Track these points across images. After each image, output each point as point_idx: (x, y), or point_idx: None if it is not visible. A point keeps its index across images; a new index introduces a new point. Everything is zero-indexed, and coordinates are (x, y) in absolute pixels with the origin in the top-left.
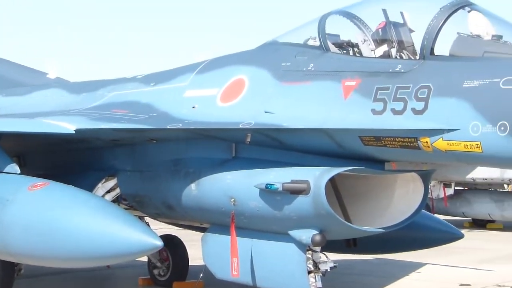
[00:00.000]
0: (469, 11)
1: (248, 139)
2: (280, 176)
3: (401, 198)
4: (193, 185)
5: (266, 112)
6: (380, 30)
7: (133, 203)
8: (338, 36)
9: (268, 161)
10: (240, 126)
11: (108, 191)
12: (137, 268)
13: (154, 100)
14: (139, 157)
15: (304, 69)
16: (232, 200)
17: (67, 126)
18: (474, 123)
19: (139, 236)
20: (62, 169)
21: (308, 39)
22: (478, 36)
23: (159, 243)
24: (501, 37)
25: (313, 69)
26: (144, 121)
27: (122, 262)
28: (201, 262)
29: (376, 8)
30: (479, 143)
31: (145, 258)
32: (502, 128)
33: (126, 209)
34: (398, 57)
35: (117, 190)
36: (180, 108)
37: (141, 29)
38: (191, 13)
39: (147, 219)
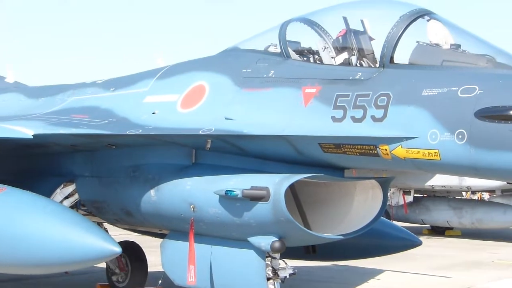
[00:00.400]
0: (428, 20)
1: (208, 146)
2: (240, 183)
3: (360, 205)
4: (152, 191)
5: (226, 119)
6: (340, 37)
7: (92, 209)
8: (299, 43)
9: (228, 168)
10: (200, 133)
11: (67, 197)
12: (96, 274)
13: (114, 105)
14: (98, 162)
15: (265, 75)
16: (191, 206)
17: (25, 131)
18: (433, 131)
19: (97, 242)
20: (20, 175)
21: (269, 46)
22: (437, 45)
23: (118, 249)
24: (459, 46)
25: (273, 76)
26: (103, 126)
27: (80, 269)
28: (161, 269)
29: (336, 15)
30: (437, 151)
31: (103, 264)
32: (460, 136)
33: (84, 215)
34: (358, 65)
35: (76, 196)
36: (140, 113)
37: (102, 33)
38: (152, 19)
39: (106, 225)
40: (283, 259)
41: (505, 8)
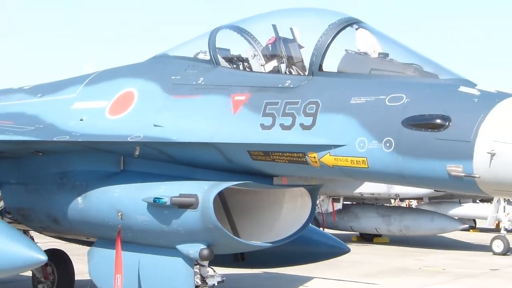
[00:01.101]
0: (357, 29)
1: (137, 153)
2: (168, 190)
3: (289, 212)
4: (79, 199)
5: (155, 126)
6: (270, 45)
7: (18, 216)
8: (228, 50)
9: (157, 175)
10: (129, 139)
11: None
12: (21, 283)
13: (41, 111)
14: (25, 169)
15: (194, 83)
16: (119, 214)
17: None
18: (361, 139)
19: (22, 251)
20: None
21: (199, 53)
22: (366, 53)
23: (43, 257)
24: (387, 55)
25: (203, 83)
26: (30, 133)
27: (5, 277)
28: (88, 277)
29: (266, 23)
30: (365, 159)
31: (29, 273)
32: (388, 145)
33: (10, 222)
34: (288, 73)
35: (1, 203)
36: (68, 120)
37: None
38: (81, 26)
39: (32, 233)
40: (212, 267)
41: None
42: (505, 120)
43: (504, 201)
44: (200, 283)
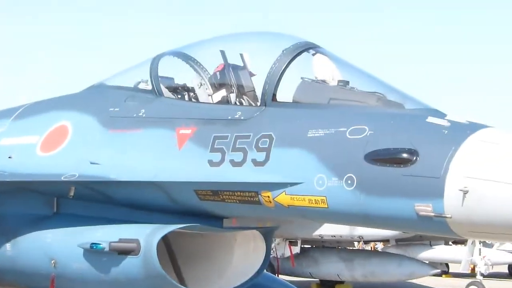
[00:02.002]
0: (313, 54)
1: (72, 193)
2: (107, 235)
3: (241, 258)
4: (8, 245)
5: (92, 163)
6: (218, 73)
7: None
8: (172, 79)
9: (94, 218)
10: (63, 179)
11: None
12: None
13: None
14: None
15: (135, 115)
16: (52, 261)
17: None
18: (320, 176)
19: None
20: None
21: (139, 82)
22: (324, 81)
23: None
24: (347, 82)
25: (144, 115)
26: None
27: None
28: None
29: (213, 49)
30: (324, 197)
31: None
32: (349, 182)
33: None
34: (238, 103)
35: None
36: None
37: None
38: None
39: None
40: None
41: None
42: (478, 154)
43: (480, 243)
44: None
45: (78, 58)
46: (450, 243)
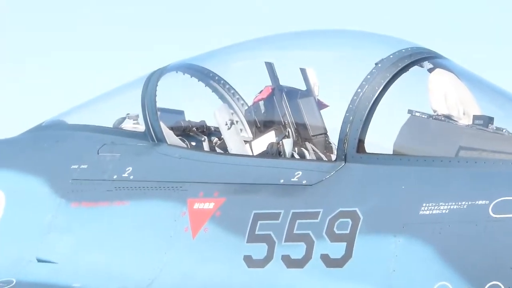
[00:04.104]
0: (431, 70)
1: None
2: None
3: None
4: None
5: (39, 261)
6: (261, 103)
7: None
8: (181, 113)
9: None
10: None
11: None
12: None
13: None
14: None
15: (115, 177)
16: None
17: None
18: (442, 285)
19: None
20: None
21: (124, 118)
22: (449, 117)
23: None
24: (491, 120)
25: (132, 177)
26: None
27: None
28: None
29: (252, 60)
30: None
31: None
32: None
33: None
34: (298, 156)
35: None
36: None
37: None
38: None
39: None
40: None
41: None
42: None
43: None
44: None
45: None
46: None
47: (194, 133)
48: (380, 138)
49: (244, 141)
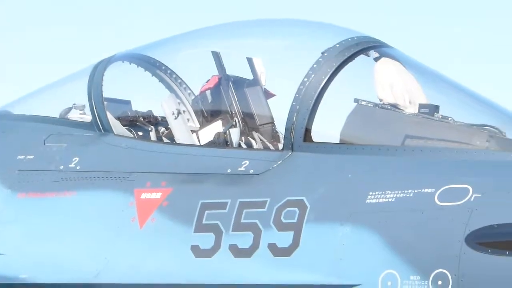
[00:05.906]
0: (376, 59)
1: None
2: None
3: None
4: None
5: None
6: (208, 92)
7: None
8: (128, 103)
9: None
10: None
11: None
12: None
13: None
14: None
15: (62, 167)
16: None
17: None
18: (389, 274)
19: None
20: None
21: (70, 108)
22: (394, 106)
23: None
24: (437, 108)
25: (79, 167)
26: None
27: None
28: None
29: (199, 49)
30: None
31: None
32: (440, 283)
33: None
34: (245, 146)
35: None
36: None
37: None
38: None
39: None
40: None
41: None
42: None
43: None
44: None
45: None
46: None
47: (141, 123)
48: (327, 127)
49: (191, 130)
